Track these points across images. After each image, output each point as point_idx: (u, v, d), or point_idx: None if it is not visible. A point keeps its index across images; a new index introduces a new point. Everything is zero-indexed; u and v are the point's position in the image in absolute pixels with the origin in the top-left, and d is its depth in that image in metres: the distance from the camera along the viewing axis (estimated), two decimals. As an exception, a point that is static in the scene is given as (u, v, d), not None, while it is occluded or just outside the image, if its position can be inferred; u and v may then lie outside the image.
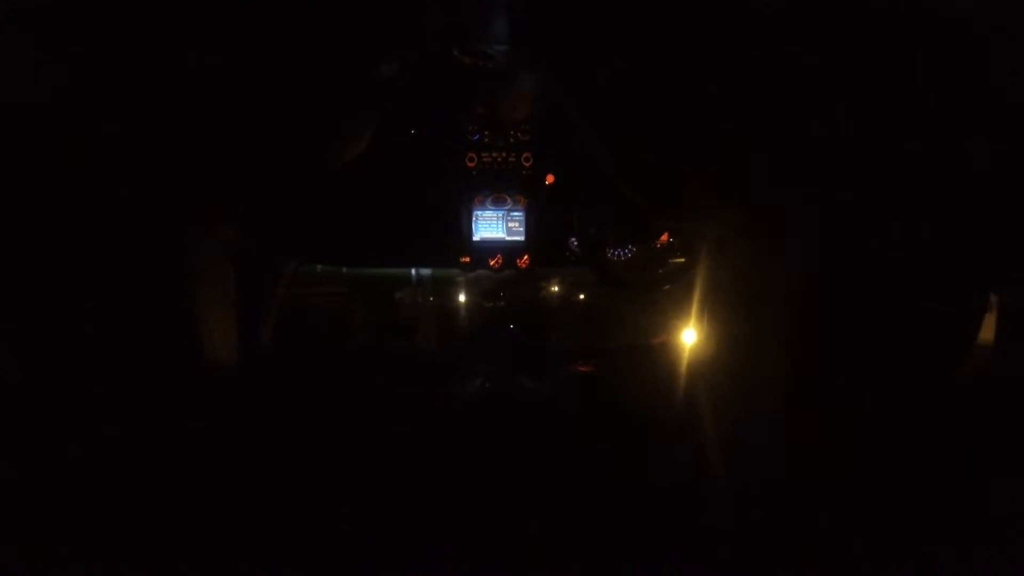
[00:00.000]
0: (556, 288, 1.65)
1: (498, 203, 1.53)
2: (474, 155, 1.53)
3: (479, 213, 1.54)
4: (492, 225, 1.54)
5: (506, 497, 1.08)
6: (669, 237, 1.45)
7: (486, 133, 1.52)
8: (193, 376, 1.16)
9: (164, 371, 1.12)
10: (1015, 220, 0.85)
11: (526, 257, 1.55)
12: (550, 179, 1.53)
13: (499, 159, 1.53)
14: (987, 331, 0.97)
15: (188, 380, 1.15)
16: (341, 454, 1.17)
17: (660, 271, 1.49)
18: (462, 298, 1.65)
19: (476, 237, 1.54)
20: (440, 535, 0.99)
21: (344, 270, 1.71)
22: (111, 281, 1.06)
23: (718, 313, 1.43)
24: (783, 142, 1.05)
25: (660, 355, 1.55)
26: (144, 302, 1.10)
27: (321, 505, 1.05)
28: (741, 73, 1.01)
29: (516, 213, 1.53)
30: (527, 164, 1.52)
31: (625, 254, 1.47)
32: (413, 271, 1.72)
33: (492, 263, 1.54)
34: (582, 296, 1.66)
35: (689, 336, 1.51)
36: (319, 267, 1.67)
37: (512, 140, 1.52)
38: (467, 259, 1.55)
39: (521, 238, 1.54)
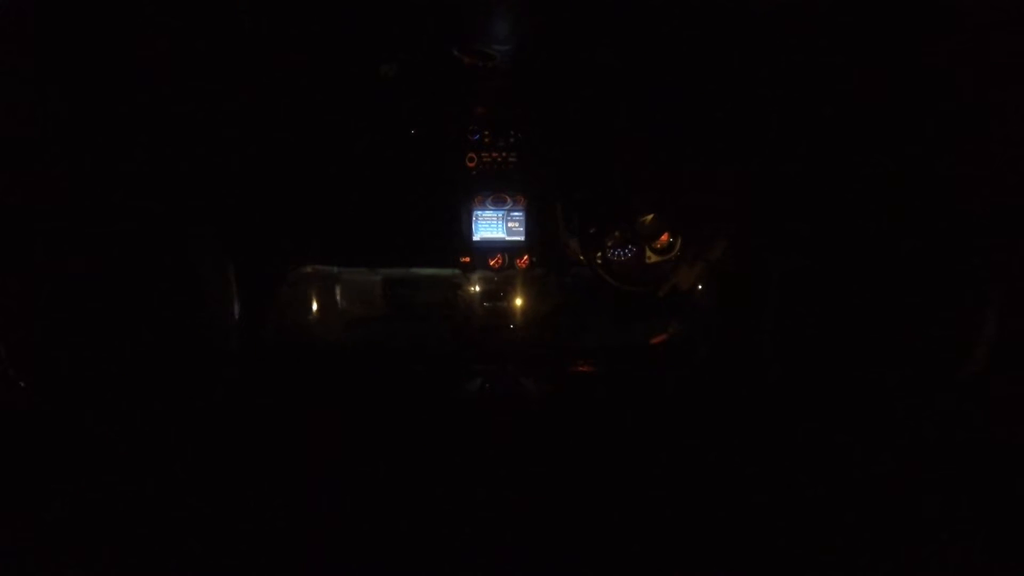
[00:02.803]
0: (555, 288, 1.65)
1: (498, 203, 1.53)
2: (474, 155, 1.53)
3: (479, 213, 1.54)
4: (492, 225, 1.54)
5: (506, 497, 1.08)
6: (669, 237, 1.45)
7: (486, 133, 1.52)
8: (194, 375, 1.17)
9: (166, 371, 1.12)
10: (1013, 220, 0.85)
11: (526, 257, 1.55)
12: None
13: (499, 159, 1.53)
14: (987, 331, 0.97)
15: (189, 380, 1.15)
16: (341, 454, 1.17)
17: (659, 271, 1.49)
18: (461, 298, 1.65)
19: (476, 237, 1.54)
20: (439, 535, 0.99)
21: (344, 270, 1.71)
22: (114, 282, 1.07)
23: (717, 312, 1.43)
24: (783, 142, 1.05)
25: (660, 355, 1.55)
26: (146, 304, 1.10)
27: (321, 505, 1.05)
28: (740, 73, 1.01)
29: (516, 213, 1.54)
30: (527, 164, 1.52)
31: (625, 254, 1.47)
32: (413, 271, 1.72)
33: (492, 263, 1.55)
34: (581, 296, 1.66)
35: (688, 335, 1.51)
36: (318, 267, 1.67)
37: (512, 140, 1.52)
38: (467, 259, 1.55)
39: (521, 238, 1.54)
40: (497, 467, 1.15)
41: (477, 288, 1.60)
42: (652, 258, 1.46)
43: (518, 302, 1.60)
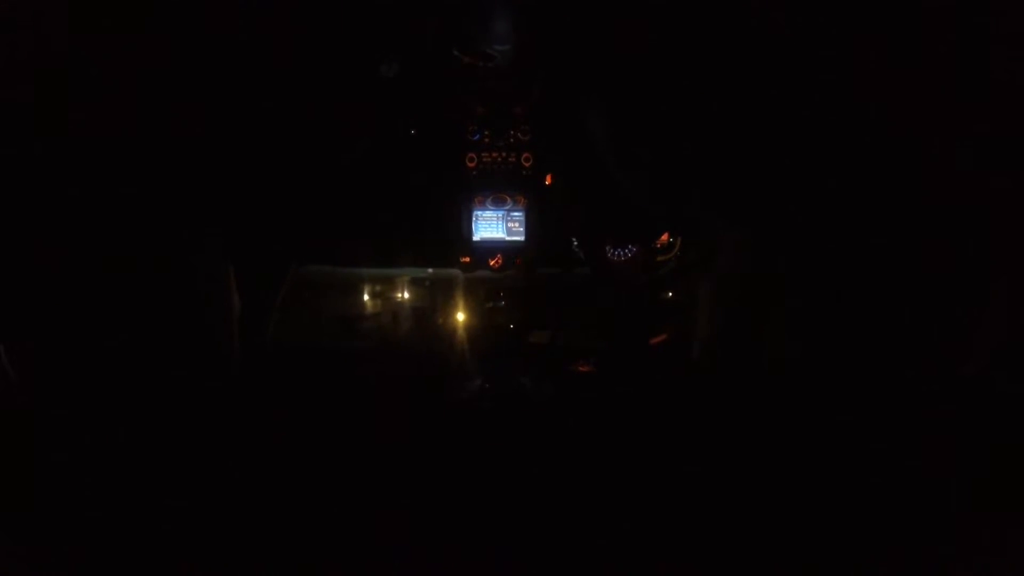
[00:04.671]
0: (556, 288, 1.65)
1: (498, 203, 1.54)
2: (474, 155, 1.53)
3: (479, 213, 1.54)
4: (492, 225, 1.54)
5: (506, 497, 1.09)
6: (669, 237, 1.45)
7: (486, 133, 1.52)
8: (194, 377, 1.16)
9: (166, 372, 1.12)
10: (1013, 218, 0.85)
11: (526, 257, 1.55)
12: (550, 179, 1.53)
13: (499, 159, 1.53)
14: (988, 330, 0.97)
15: (189, 381, 1.15)
16: (341, 454, 1.17)
17: (660, 270, 1.49)
18: (462, 298, 1.65)
19: (476, 237, 1.54)
20: (440, 535, 0.99)
21: (344, 270, 1.71)
22: (114, 282, 1.07)
23: (718, 312, 1.43)
24: (783, 140, 1.05)
25: (660, 355, 1.55)
26: (146, 304, 1.10)
27: (322, 505, 1.05)
28: (742, 71, 1.01)
29: (516, 213, 1.53)
30: (527, 164, 1.52)
31: (625, 254, 1.47)
32: (413, 271, 1.72)
33: (492, 263, 1.55)
34: (582, 296, 1.66)
35: (689, 335, 1.51)
36: (319, 268, 1.67)
37: (512, 140, 1.52)
38: (467, 259, 1.55)
39: (521, 238, 1.54)
40: (497, 467, 1.15)
41: (477, 288, 1.60)
42: (653, 258, 1.46)
43: (518, 302, 1.60)
